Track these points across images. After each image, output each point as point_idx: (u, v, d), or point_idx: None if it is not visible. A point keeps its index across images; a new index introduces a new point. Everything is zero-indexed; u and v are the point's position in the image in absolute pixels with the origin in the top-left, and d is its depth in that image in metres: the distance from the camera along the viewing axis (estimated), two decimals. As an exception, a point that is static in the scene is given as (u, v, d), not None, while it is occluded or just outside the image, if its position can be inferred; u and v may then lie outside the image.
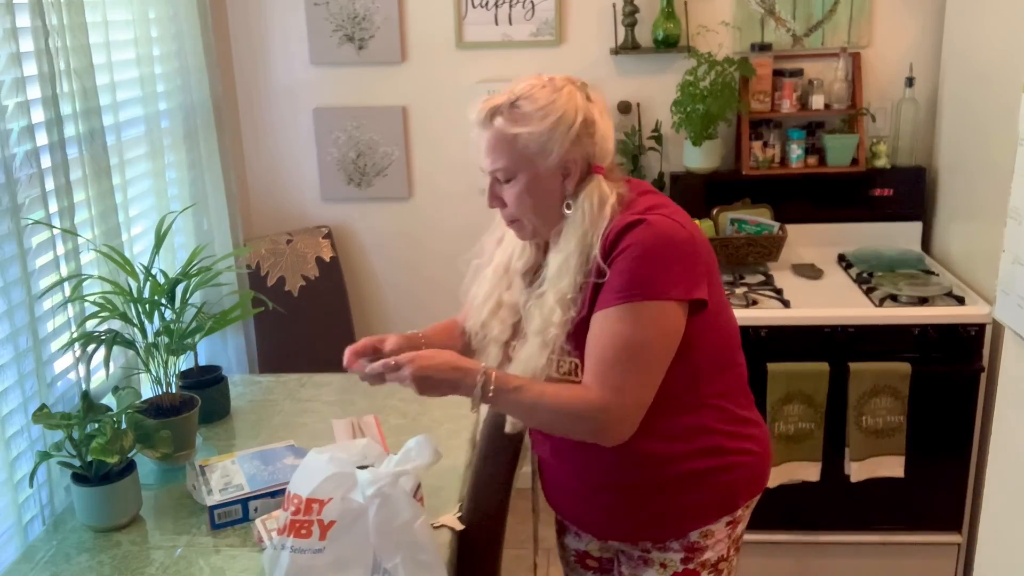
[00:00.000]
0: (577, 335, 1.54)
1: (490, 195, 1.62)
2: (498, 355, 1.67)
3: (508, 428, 1.71)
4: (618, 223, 1.51)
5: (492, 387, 1.51)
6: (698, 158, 3.02)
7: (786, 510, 2.71)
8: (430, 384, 1.53)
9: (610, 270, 1.49)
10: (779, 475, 2.60)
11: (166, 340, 1.97)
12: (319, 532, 1.45)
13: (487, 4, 3.07)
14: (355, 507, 1.46)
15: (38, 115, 1.89)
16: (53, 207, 1.94)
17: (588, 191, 1.55)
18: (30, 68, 1.87)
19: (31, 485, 1.75)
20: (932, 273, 2.80)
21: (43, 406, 1.77)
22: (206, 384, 2.18)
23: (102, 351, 1.90)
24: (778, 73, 3.01)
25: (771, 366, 2.55)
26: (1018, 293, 1.63)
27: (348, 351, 1.66)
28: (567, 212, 1.56)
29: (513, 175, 1.56)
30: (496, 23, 3.09)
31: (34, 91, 1.89)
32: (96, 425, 1.73)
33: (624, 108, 3.07)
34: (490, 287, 1.71)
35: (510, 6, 3.06)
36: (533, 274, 1.66)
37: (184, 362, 2.19)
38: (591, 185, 1.56)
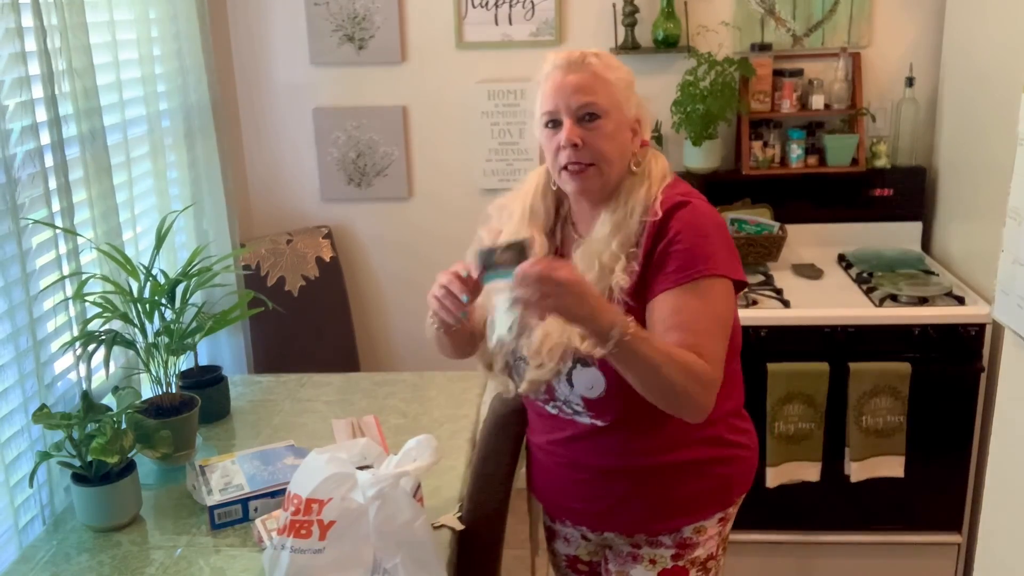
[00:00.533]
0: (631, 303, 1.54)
1: (570, 132, 1.56)
2: None
3: (510, 393, 1.70)
4: (667, 198, 1.57)
5: (631, 331, 1.40)
6: (698, 158, 3.02)
7: (786, 510, 2.71)
8: (574, 298, 1.39)
9: (671, 248, 1.53)
10: (779, 475, 2.60)
11: (166, 340, 1.97)
12: (319, 532, 1.45)
13: (487, 4, 3.07)
14: (355, 507, 1.46)
15: (39, 115, 1.89)
16: (55, 207, 1.94)
17: (653, 154, 1.66)
18: (31, 68, 1.87)
19: (31, 485, 1.75)
20: (932, 273, 2.80)
21: (43, 406, 1.77)
22: (206, 384, 2.18)
23: (102, 351, 1.90)
24: (778, 73, 3.01)
25: (771, 366, 2.55)
26: (1018, 293, 1.63)
27: (456, 272, 1.51)
28: (634, 170, 1.62)
29: (604, 112, 1.56)
30: (496, 23, 3.09)
31: (35, 91, 1.89)
32: (96, 425, 1.73)
33: (624, 108, 3.07)
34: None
35: (510, 6, 3.06)
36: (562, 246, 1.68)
37: (184, 362, 2.19)
38: (652, 152, 1.66)
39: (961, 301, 2.58)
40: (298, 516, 1.47)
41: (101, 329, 1.94)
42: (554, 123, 1.58)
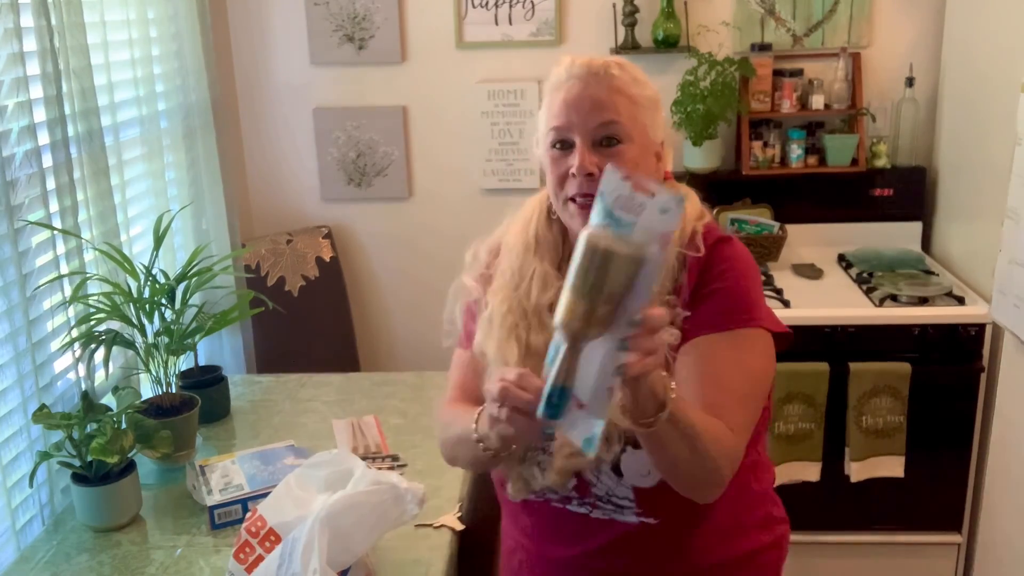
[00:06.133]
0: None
1: (585, 158, 1.27)
2: None
3: (523, 493, 1.38)
4: (707, 233, 1.33)
5: (675, 398, 1.11)
6: (698, 158, 3.02)
7: (786, 510, 2.70)
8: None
9: (714, 287, 1.30)
10: (779, 475, 2.59)
11: (166, 340, 1.97)
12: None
13: (487, 4, 3.07)
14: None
15: (37, 115, 1.89)
16: (53, 207, 1.94)
17: (685, 191, 1.38)
18: (30, 68, 1.87)
19: (31, 485, 1.75)
20: (932, 273, 2.79)
21: (43, 406, 1.77)
22: (206, 384, 2.18)
23: (102, 351, 1.90)
24: (778, 73, 3.01)
25: (771, 366, 2.55)
26: (1015, 293, 1.63)
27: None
28: None
29: (628, 137, 1.29)
30: (496, 23, 3.09)
31: (33, 91, 1.89)
32: (96, 425, 1.73)
33: (624, 108, 3.06)
34: (506, 331, 1.35)
35: (510, 6, 3.06)
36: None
37: (184, 362, 2.19)
38: (682, 187, 1.40)
39: (961, 301, 2.58)
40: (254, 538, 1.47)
41: (100, 329, 1.94)
42: (563, 144, 1.30)
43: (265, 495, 1.74)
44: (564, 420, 1.01)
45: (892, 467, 2.59)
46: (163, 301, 1.99)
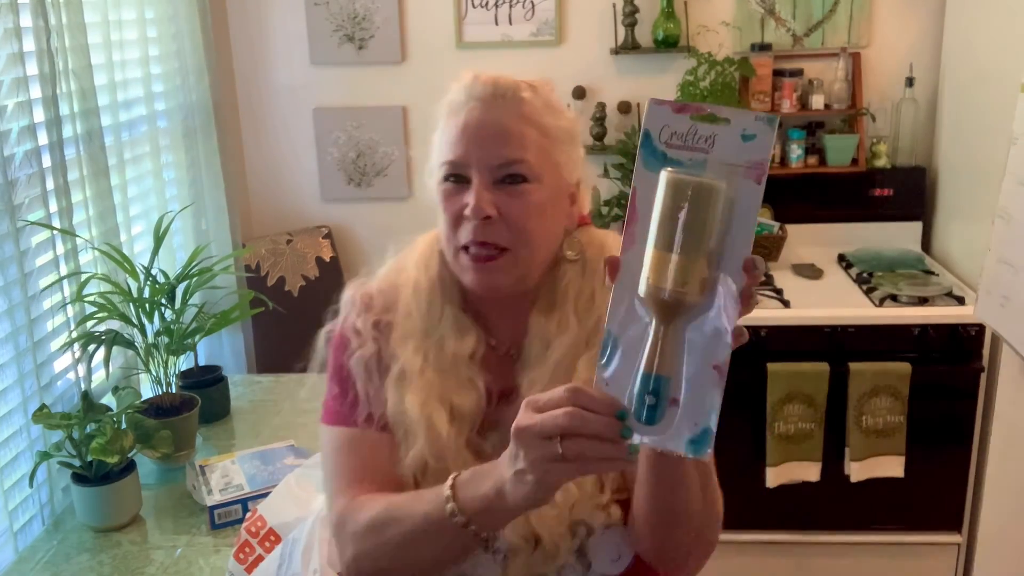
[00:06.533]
0: None
1: (482, 198, 1.06)
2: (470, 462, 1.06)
3: None
4: None
5: None
6: (698, 158, 3.01)
7: (786, 510, 2.71)
8: None
9: None
10: (779, 475, 2.60)
11: (166, 340, 1.97)
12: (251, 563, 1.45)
13: (487, 4, 3.07)
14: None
15: (37, 115, 1.89)
16: (53, 207, 1.94)
17: (601, 235, 1.17)
18: (29, 68, 1.87)
19: (31, 485, 1.75)
20: (932, 273, 2.79)
21: (43, 406, 1.77)
22: (206, 384, 2.18)
23: (102, 351, 1.90)
24: (778, 73, 3.01)
25: (771, 366, 2.55)
26: (1000, 292, 1.62)
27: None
28: (571, 256, 1.13)
29: (535, 176, 1.08)
30: (496, 23, 3.09)
31: (33, 91, 1.89)
32: (96, 425, 1.73)
33: (624, 108, 3.07)
34: (425, 386, 1.14)
35: (510, 6, 3.06)
36: (481, 360, 1.15)
37: (184, 362, 2.19)
38: (596, 234, 1.17)
39: (961, 301, 2.58)
40: (254, 538, 1.46)
41: (100, 329, 1.94)
42: (458, 178, 1.09)
43: (265, 495, 1.75)
44: (657, 425, 0.81)
45: (892, 467, 2.59)
46: (163, 301, 1.99)
